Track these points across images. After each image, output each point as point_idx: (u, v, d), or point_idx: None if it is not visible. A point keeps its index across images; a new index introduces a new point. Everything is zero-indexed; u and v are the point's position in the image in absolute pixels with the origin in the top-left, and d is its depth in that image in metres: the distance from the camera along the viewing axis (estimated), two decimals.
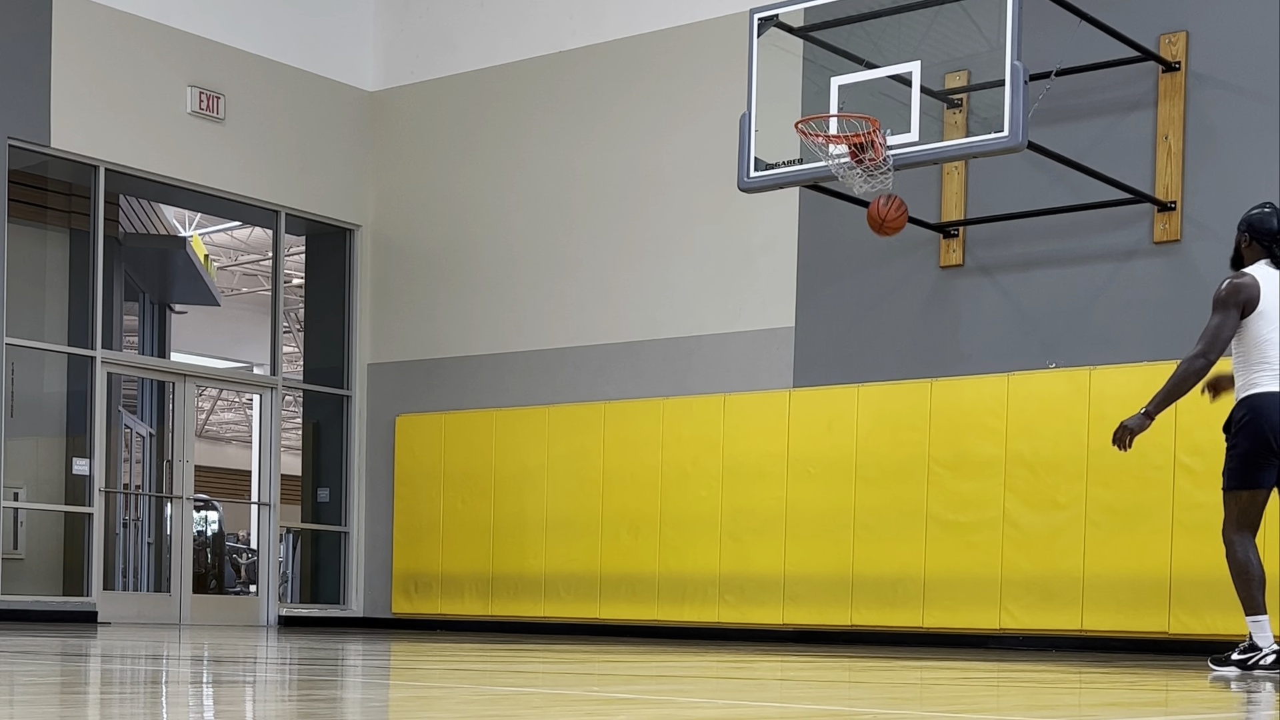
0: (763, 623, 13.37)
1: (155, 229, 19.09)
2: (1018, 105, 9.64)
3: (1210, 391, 8.22)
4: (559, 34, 15.15)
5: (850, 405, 12.93)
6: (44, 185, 15.11)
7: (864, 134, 9.98)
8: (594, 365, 14.73)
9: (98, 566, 14.58)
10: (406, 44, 16.29)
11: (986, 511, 12.07)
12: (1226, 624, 11.15)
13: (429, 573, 15.56)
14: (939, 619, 12.43)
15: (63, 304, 15.03)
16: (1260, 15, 11.39)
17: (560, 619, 14.53)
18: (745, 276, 13.80)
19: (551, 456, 14.69)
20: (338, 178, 16.25)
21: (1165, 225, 11.66)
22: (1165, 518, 11.39)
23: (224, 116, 15.24)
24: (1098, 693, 5.93)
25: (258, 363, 25.49)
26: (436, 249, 15.94)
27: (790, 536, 13.17)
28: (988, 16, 10.02)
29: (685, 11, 14.31)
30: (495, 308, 15.47)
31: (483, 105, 15.63)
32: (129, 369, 15.92)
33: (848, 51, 10.59)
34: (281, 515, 16.37)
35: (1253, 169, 11.38)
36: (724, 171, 12.54)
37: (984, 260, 12.53)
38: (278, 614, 16.02)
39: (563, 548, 14.55)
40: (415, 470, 15.76)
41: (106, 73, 14.40)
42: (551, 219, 15.15)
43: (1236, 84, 11.47)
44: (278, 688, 5.33)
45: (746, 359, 13.76)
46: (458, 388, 15.64)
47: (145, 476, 17.77)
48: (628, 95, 14.69)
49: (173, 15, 14.82)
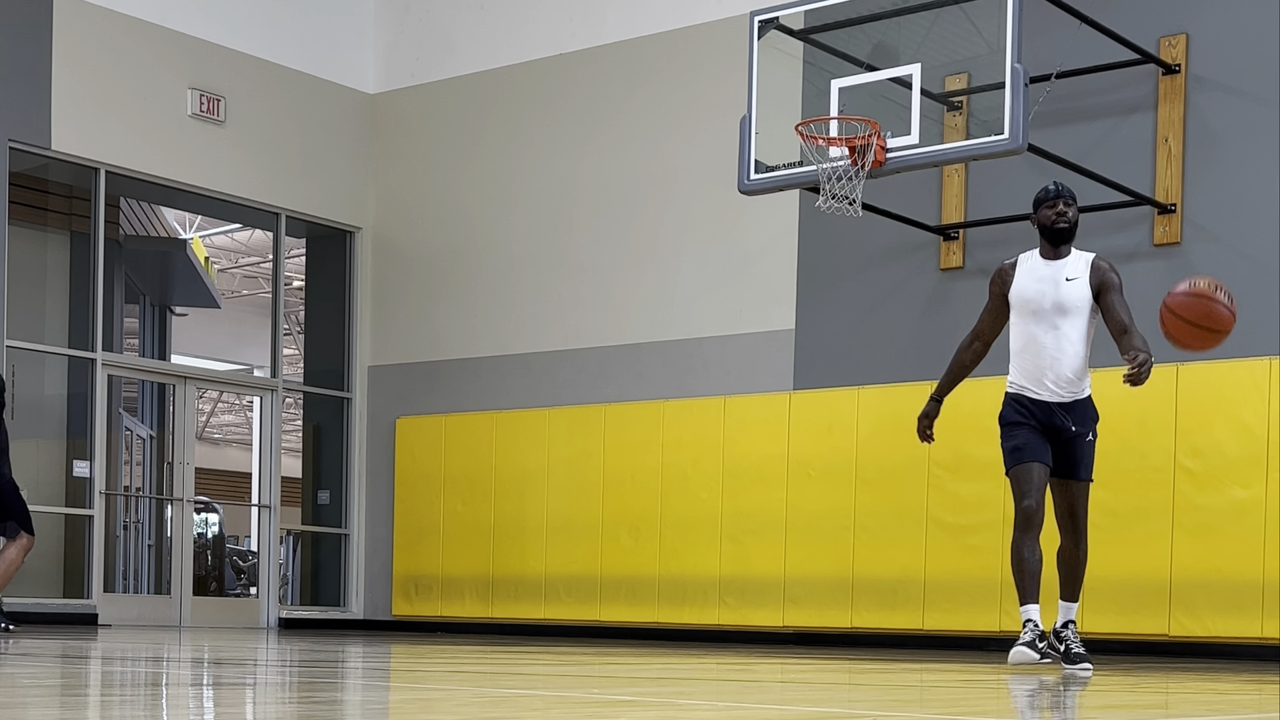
0: (763, 625, 13.37)
1: (156, 231, 19.09)
2: (1018, 108, 9.64)
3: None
4: (559, 37, 15.16)
5: (850, 407, 12.93)
6: (45, 188, 15.11)
7: (864, 136, 9.99)
8: (594, 367, 14.73)
9: (98, 569, 14.59)
10: (407, 46, 16.30)
11: (986, 513, 12.07)
12: (1227, 626, 11.17)
13: (429, 575, 15.56)
14: (939, 621, 12.43)
15: (63, 306, 15.03)
16: (1260, 17, 11.40)
17: (561, 621, 14.52)
18: (745, 279, 13.81)
19: (552, 459, 14.70)
20: (338, 180, 16.25)
21: (1165, 228, 11.66)
22: (1165, 520, 11.39)
23: (224, 119, 15.25)
24: (1097, 694, 5.94)
25: (258, 365, 25.49)
26: (437, 251, 15.94)
27: (790, 538, 13.18)
28: (988, 19, 10.03)
29: (685, 14, 14.32)
30: (496, 310, 15.48)
31: (483, 108, 15.64)
32: (129, 371, 15.93)
33: (848, 54, 10.59)
34: (282, 517, 16.37)
35: (1253, 171, 11.39)
36: (724, 174, 12.54)
37: (984, 262, 12.53)
38: (278, 616, 16.03)
39: (563, 550, 14.55)
40: (415, 472, 15.76)
41: (107, 75, 14.41)
42: (552, 221, 15.15)
43: (1236, 86, 11.47)
44: (278, 690, 5.33)
45: (747, 361, 13.77)
46: (458, 390, 15.64)
47: (146, 479, 17.77)
48: (628, 98, 14.70)
49: (173, 18, 14.83)
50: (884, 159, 10.04)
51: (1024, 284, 7.81)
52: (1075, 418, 7.76)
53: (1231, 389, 11.19)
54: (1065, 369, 7.72)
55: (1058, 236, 7.76)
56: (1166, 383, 11.41)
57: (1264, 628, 10.98)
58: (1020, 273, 7.86)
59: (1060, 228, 7.74)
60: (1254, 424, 11.10)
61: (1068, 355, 7.71)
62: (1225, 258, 11.51)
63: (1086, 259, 7.77)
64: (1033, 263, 7.85)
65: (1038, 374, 7.76)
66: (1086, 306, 7.70)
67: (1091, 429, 7.81)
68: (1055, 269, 7.77)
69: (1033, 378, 7.78)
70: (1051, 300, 7.71)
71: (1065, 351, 7.70)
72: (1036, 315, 7.74)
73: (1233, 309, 7.29)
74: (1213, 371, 11.25)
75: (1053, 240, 7.77)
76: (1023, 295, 7.79)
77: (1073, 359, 7.72)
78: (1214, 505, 11.24)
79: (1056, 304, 7.69)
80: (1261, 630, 10.99)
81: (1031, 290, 7.77)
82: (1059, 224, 7.74)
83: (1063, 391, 7.74)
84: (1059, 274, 7.74)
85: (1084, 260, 7.76)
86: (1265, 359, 11.08)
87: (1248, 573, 11.05)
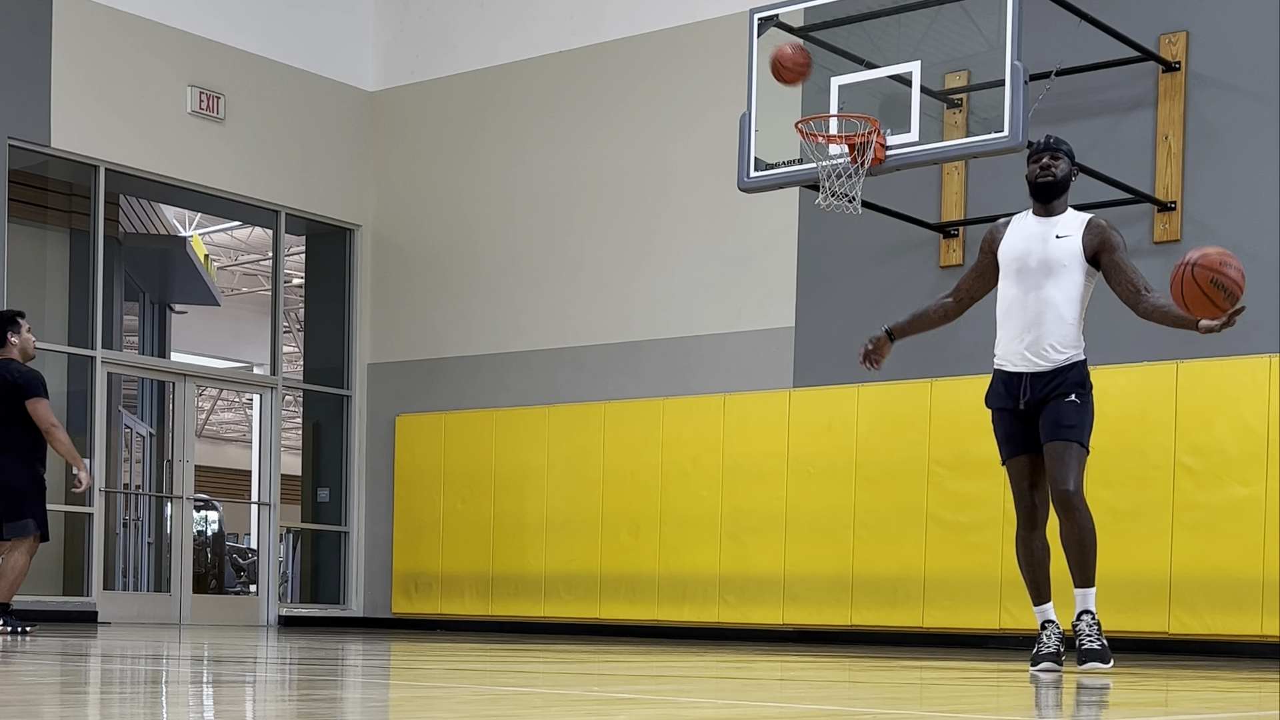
0: (762, 623, 13.37)
1: (155, 229, 19.10)
2: (1018, 105, 9.64)
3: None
4: (559, 34, 15.15)
5: (850, 405, 12.93)
6: (44, 185, 15.11)
7: (864, 134, 9.98)
8: (594, 365, 14.73)
9: (98, 566, 14.58)
10: (406, 44, 16.30)
11: (986, 511, 12.07)
12: (1226, 624, 11.17)
13: (429, 573, 15.56)
14: (939, 619, 12.43)
15: (63, 304, 15.03)
16: (1260, 15, 11.40)
17: (560, 619, 14.53)
18: (745, 276, 13.80)
19: (551, 456, 14.70)
20: (338, 178, 16.25)
21: (1165, 225, 11.66)
22: (1165, 517, 11.39)
23: (224, 116, 15.24)
24: (1097, 692, 5.93)
25: (258, 363, 25.50)
26: (436, 249, 15.94)
27: (790, 536, 13.18)
28: (987, 16, 10.03)
29: (685, 11, 14.32)
30: (495, 307, 15.47)
31: (483, 105, 15.63)
32: (129, 369, 15.93)
33: (848, 51, 10.59)
34: (281, 515, 16.37)
35: (1253, 169, 11.39)
36: (724, 171, 12.53)
37: None
38: (278, 614, 16.03)
39: (563, 548, 14.55)
40: (415, 470, 15.76)
41: (107, 73, 14.41)
42: (552, 218, 15.15)
43: (1236, 84, 11.47)
44: (278, 688, 5.33)
45: (746, 359, 13.77)
46: (458, 388, 15.64)
47: (145, 476, 17.78)
48: (628, 95, 14.70)
49: (173, 15, 14.83)
50: (884, 156, 10.03)
51: (1012, 241, 7.32)
52: (1054, 383, 7.15)
53: (1232, 387, 11.19)
54: (1047, 334, 7.17)
55: (1042, 192, 7.26)
56: (1166, 380, 11.41)
57: (1264, 625, 10.98)
58: (1010, 230, 7.38)
59: (1043, 182, 7.26)
60: (1254, 422, 11.10)
61: (1049, 320, 7.16)
62: None
63: (1083, 218, 7.30)
64: (1025, 220, 7.39)
65: (1016, 341, 7.24)
66: (1078, 266, 7.19)
67: (1075, 391, 7.13)
68: (1046, 226, 7.28)
69: (1010, 348, 7.26)
70: (1038, 258, 7.21)
71: (1046, 316, 7.16)
72: (1021, 274, 7.25)
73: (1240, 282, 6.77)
74: (1213, 369, 11.25)
75: (1039, 196, 7.30)
76: (1010, 252, 7.32)
77: (1054, 323, 7.16)
78: (1214, 503, 11.24)
79: (1043, 261, 7.19)
80: (1261, 628, 10.99)
81: (1019, 248, 7.29)
82: (1042, 178, 7.26)
83: (1041, 360, 7.18)
84: (1049, 230, 7.26)
85: (1080, 219, 7.29)
86: (1265, 356, 11.08)
87: (1248, 570, 11.05)
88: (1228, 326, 6.84)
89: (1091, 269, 7.25)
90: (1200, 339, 7.77)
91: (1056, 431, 7.11)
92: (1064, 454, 7.09)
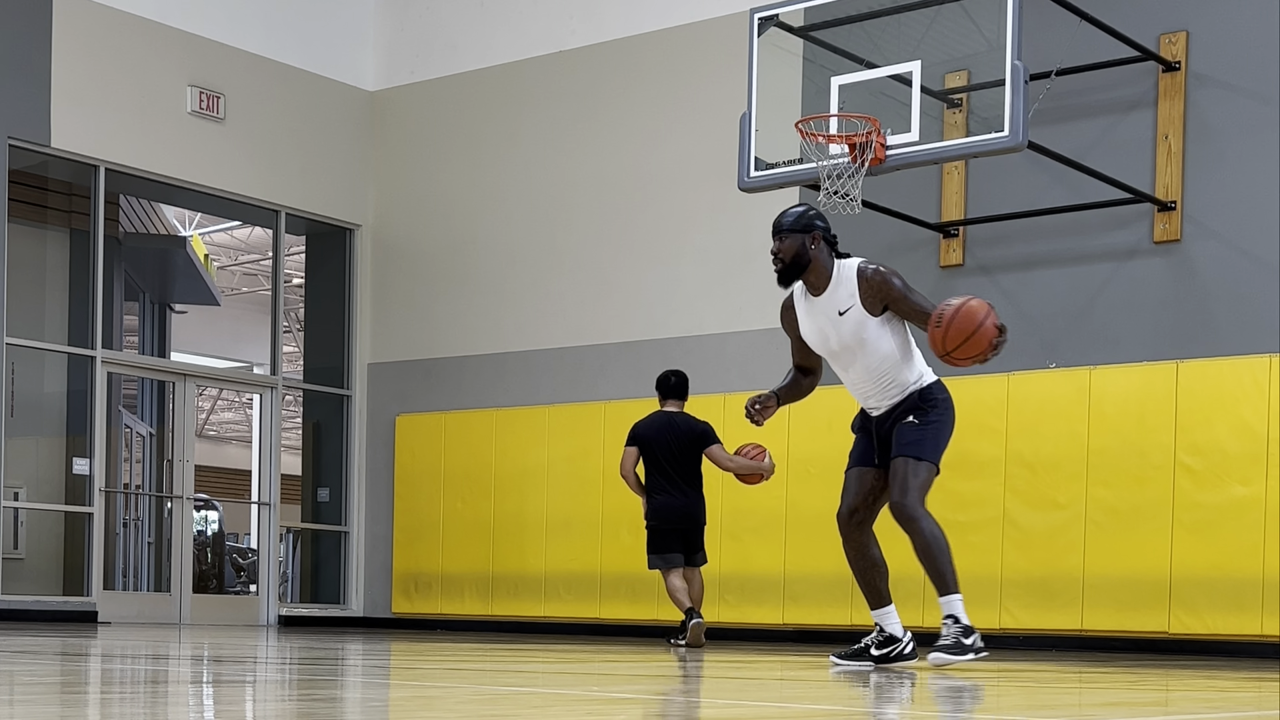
0: (762, 622, 13.37)
1: (155, 229, 19.09)
2: (1018, 105, 9.64)
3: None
4: (559, 33, 15.15)
5: (850, 405, 12.88)
6: (44, 185, 15.11)
7: (864, 134, 9.98)
8: (594, 365, 14.73)
9: (98, 566, 14.58)
10: (406, 43, 16.30)
11: (986, 511, 12.07)
12: (1226, 623, 11.17)
13: (429, 572, 15.56)
14: (938, 618, 12.40)
15: (63, 304, 15.04)
16: (1260, 15, 11.40)
17: (560, 619, 14.52)
18: (745, 276, 13.80)
19: (551, 456, 14.70)
20: (337, 177, 16.25)
21: (1165, 225, 11.66)
22: (1165, 517, 11.39)
23: (224, 116, 15.24)
24: (1097, 692, 5.93)
25: (258, 362, 25.50)
26: (436, 248, 15.94)
27: (790, 536, 13.17)
28: (988, 16, 10.02)
29: (685, 11, 14.31)
30: (495, 307, 15.47)
31: (482, 105, 15.63)
32: (129, 369, 15.92)
33: (848, 51, 10.59)
34: (281, 515, 16.37)
35: (1253, 169, 11.39)
36: (724, 171, 12.53)
37: (984, 260, 12.54)
38: (278, 614, 16.02)
39: (563, 547, 14.55)
40: (415, 470, 15.76)
41: (106, 72, 14.41)
42: (552, 218, 15.15)
43: (1236, 84, 11.47)
44: (278, 687, 5.33)
45: (746, 358, 13.76)
46: (458, 387, 15.64)
47: (145, 476, 17.78)
48: (628, 95, 14.70)
49: (173, 15, 14.83)
50: (884, 156, 10.03)
51: (806, 327, 7.25)
52: (898, 412, 7.23)
53: (1232, 386, 11.19)
54: (879, 391, 7.23)
55: (782, 281, 7.17)
56: (1166, 380, 11.41)
57: (1264, 625, 10.98)
58: (799, 311, 7.27)
59: (777, 272, 7.15)
60: (1254, 421, 11.10)
61: (875, 382, 7.22)
62: (1225, 255, 11.51)
63: (851, 277, 7.05)
64: (806, 301, 7.22)
65: (859, 397, 7.40)
66: (875, 327, 7.07)
67: (914, 413, 7.19)
68: (826, 303, 7.13)
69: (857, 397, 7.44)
70: (837, 341, 7.14)
71: (872, 380, 7.21)
72: (832, 356, 7.25)
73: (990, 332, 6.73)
74: (1213, 369, 11.25)
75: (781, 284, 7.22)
76: (810, 337, 7.26)
77: (881, 381, 7.19)
78: (1214, 503, 11.24)
79: (842, 344, 7.13)
80: (1261, 628, 10.99)
81: (815, 334, 7.22)
82: (776, 268, 7.14)
83: (882, 405, 7.28)
84: (830, 308, 7.11)
85: (851, 281, 7.06)
86: (1265, 356, 11.08)
87: (1248, 570, 11.05)
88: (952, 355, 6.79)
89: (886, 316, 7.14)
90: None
91: (896, 449, 7.22)
92: (900, 469, 7.22)
